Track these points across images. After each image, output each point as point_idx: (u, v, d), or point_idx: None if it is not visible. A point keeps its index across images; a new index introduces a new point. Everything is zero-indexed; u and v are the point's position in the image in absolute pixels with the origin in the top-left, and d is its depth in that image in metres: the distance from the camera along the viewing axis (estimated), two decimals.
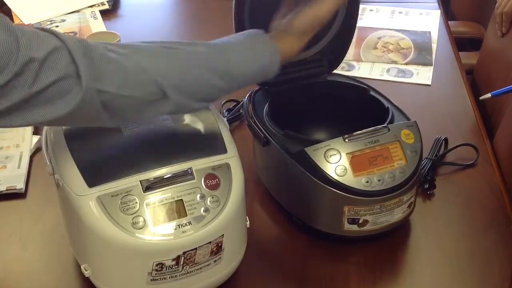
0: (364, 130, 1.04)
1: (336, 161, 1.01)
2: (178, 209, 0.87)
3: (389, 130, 1.05)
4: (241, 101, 1.32)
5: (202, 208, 0.88)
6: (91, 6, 1.88)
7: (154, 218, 0.86)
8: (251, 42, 0.94)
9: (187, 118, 0.97)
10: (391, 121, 1.08)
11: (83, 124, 0.88)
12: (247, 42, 0.94)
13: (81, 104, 0.76)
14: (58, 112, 0.75)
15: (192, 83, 0.87)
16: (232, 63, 0.90)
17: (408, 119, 1.10)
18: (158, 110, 0.85)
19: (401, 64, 1.61)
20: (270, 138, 1.07)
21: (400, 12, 1.87)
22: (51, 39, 0.75)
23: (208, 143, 0.94)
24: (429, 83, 1.54)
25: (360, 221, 1.03)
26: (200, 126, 0.96)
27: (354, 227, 1.04)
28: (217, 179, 0.90)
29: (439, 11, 1.88)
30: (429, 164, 1.21)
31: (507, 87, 1.29)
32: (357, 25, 1.23)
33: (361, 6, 1.65)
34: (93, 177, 0.87)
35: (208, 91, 0.89)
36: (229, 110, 1.39)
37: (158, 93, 0.83)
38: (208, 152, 0.92)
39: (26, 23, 1.81)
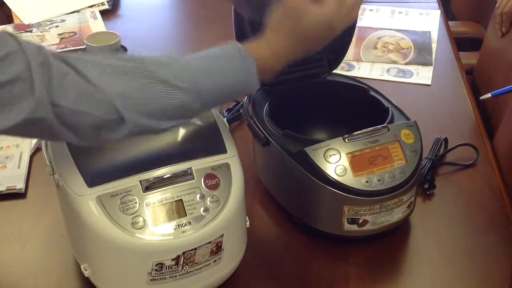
0: (364, 130, 1.04)
1: (336, 161, 1.01)
2: (178, 209, 0.87)
3: (389, 130, 1.05)
4: (241, 101, 1.32)
5: (202, 208, 0.88)
6: (91, 6, 1.88)
7: (154, 218, 0.86)
8: (223, 54, 0.85)
9: None
10: (391, 121, 1.08)
11: (45, 138, 0.83)
12: (219, 54, 0.86)
13: (34, 114, 0.72)
14: (10, 120, 0.71)
15: (153, 101, 0.79)
16: (198, 77, 0.82)
17: (408, 119, 1.10)
18: (116, 131, 0.79)
19: (401, 64, 1.61)
20: (270, 138, 1.07)
21: (400, 12, 1.87)
22: (12, 42, 0.73)
23: (208, 143, 0.94)
24: (429, 83, 1.54)
25: (360, 221, 1.03)
26: (200, 126, 0.96)
27: (354, 227, 1.04)
28: (216, 179, 0.90)
29: (439, 11, 1.88)
30: (429, 164, 1.21)
31: (507, 87, 1.29)
32: (357, 25, 1.23)
33: (361, 6, 1.65)
34: (93, 177, 0.87)
35: (175, 109, 0.81)
36: (229, 110, 1.38)
37: (114, 113, 0.77)
38: (208, 152, 0.92)
39: (26, 23, 1.81)
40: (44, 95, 0.73)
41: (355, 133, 1.03)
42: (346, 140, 1.02)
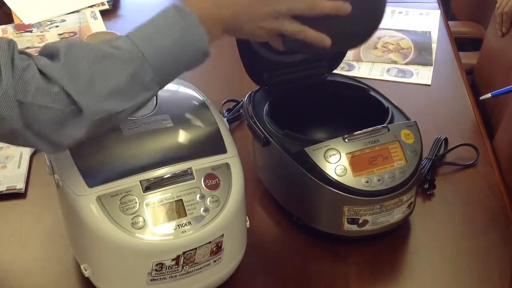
0: (364, 130, 1.04)
1: (336, 161, 1.01)
2: (178, 209, 0.87)
3: (389, 130, 1.05)
4: (241, 101, 1.32)
5: (202, 208, 0.88)
6: (91, 6, 1.88)
7: (154, 218, 0.86)
8: (160, 16, 0.83)
9: (187, 118, 0.97)
10: (391, 121, 1.08)
11: (8, 141, 0.79)
12: (156, 18, 0.83)
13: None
14: None
15: (102, 80, 0.77)
16: (139, 42, 0.79)
17: (408, 119, 1.10)
18: (78, 124, 0.77)
19: (401, 64, 1.61)
20: (270, 138, 1.07)
21: (400, 12, 1.87)
22: None
23: (208, 143, 0.94)
24: (429, 83, 1.54)
25: (360, 221, 1.03)
26: (200, 126, 0.96)
27: (354, 227, 1.04)
28: (217, 179, 0.90)
29: (439, 11, 1.88)
30: (429, 164, 1.21)
31: (507, 87, 1.29)
32: None
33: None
34: (93, 177, 0.87)
35: (127, 83, 0.78)
36: (229, 110, 1.38)
37: (71, 103, 0.76)
38: (208, 152, 0.92)
39: (26, 23, 1.81)
40: (10, 92, 0.72)
41: (355, 133, 1.03)
42: (346, 140, 1.02)
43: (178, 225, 0.86)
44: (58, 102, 0.76)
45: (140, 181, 0.87)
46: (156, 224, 0.86)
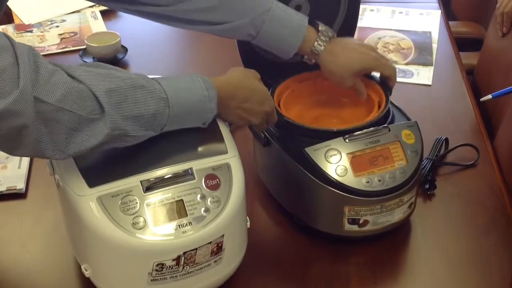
0: (364, 130, 1.04)
1: (336, 161, 1.01)
2: (179, 209, 0.87)
3: (389, 130, 1.05)
4: None
5: (203, 208, 0.88)
6: (92, 6, 1.88)
7: (155, 218, 0.86)
8: (189, 77, 0.92)
9: None
10: (392, 121, 1.08)
11: (8, 140, 0.78)
12: (186, 77, 0.92)
13: (13, 105, 0.73)
14: None
15: (133, 104, 0.83)
16: (171, 90, 0.88)
17: (408, 119, 1.10)
18: (94, 133, 0.81)
19: (402, 64, 1.61)
20: (270, 138, 1.07)
21: (401, 12, 1.87)
22: (3, 38, 0.75)
23: (208, 144, 0.94)
24: (430, 83, 1.54)
25: (361, 221, 1.03)
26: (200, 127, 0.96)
27: (355, 227, 1.04)
28: (217, 179, 0.90)
29: (440, 11, 1.88)
30: (430, 165, 1.21)
31: (508, 88, 1.29)
32: (357, 25, 1.23)
33: (361, 6, 1.65)
34: (93, 177, 0.87)
35: (149, 117, 0.85)
36: None
37: (97, 112, 0.80)
38: (208, 152, 0.92)
39: (26, 23, 1.81)
40: (28, 89, 0.74)
41: (356, 133, 1.03)
42: (347, 140, 1.02)
43: (179, 225, 0.86)
44: (84, 109, 0.79)
45: (140, 181, 0.87)
46: (156, 224, 0.86)
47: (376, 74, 1.15)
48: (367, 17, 1.84)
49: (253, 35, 1.07)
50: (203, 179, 0.90)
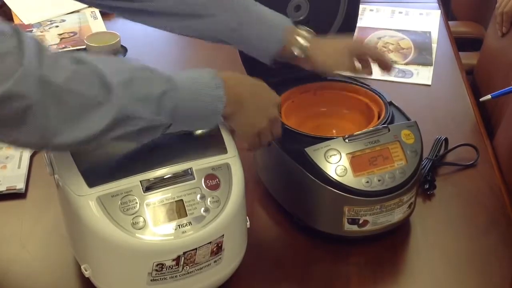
0: (364, 130, 1.04)
1: (336, 161, 1.01)
2: (178, 209, 0.87)
3: (389, 130, 1.05)
4: None
5: (202, 208, 0.88)
6: (91, 6, 1.88)
7: (154, 218, 0.86)
8: (197, 71, 0.92)
9: None
10: (391, 121, 1.08)
11: (12, 125, 0.76)
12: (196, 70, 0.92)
13: (16, 86, 0.71)
14: None
15: (140, 84, 0.83)
16: (176, 76, 0.88)
17: (408, 119, 1.10)
18: (101, 112, 0.79)
19: (401, 64, 1.61)
20: None
21: (400, 12, 1.87)
22: (8, 27, 0.74)
23: (208, 144, 0.94)
24: (429, 83, 1.54)
25: (360, 222, 1.03)
26: None
27: (354, 227, 1.04)
28: (217, 179, 0.90)
29: (439, 11, 1.88)
30: (429, 165, 1.21)
31: (507, 88, 1.29)
32: (357, 25, 1.23)
33: (361, 6, 1.65)
34: (93, 177, 0.87)
35: (155, 98, 0.84)
36: None
37: (104, 92, 0.79)
38: (208, 152, 0.92)
39: (26, 23, 1.81)
40: (32, 70, 0.73)
41: (356, 133, 1.03)
42: (347, 140, 1.02)
43: (179, 225, 0.86)
44: (92, 90, 0.78)
45: (140, 181, 0.87)
46: (156, 224, 0.86)
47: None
48: (367, 17, 1.84)
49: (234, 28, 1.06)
50: (203, 179, 0.90)
